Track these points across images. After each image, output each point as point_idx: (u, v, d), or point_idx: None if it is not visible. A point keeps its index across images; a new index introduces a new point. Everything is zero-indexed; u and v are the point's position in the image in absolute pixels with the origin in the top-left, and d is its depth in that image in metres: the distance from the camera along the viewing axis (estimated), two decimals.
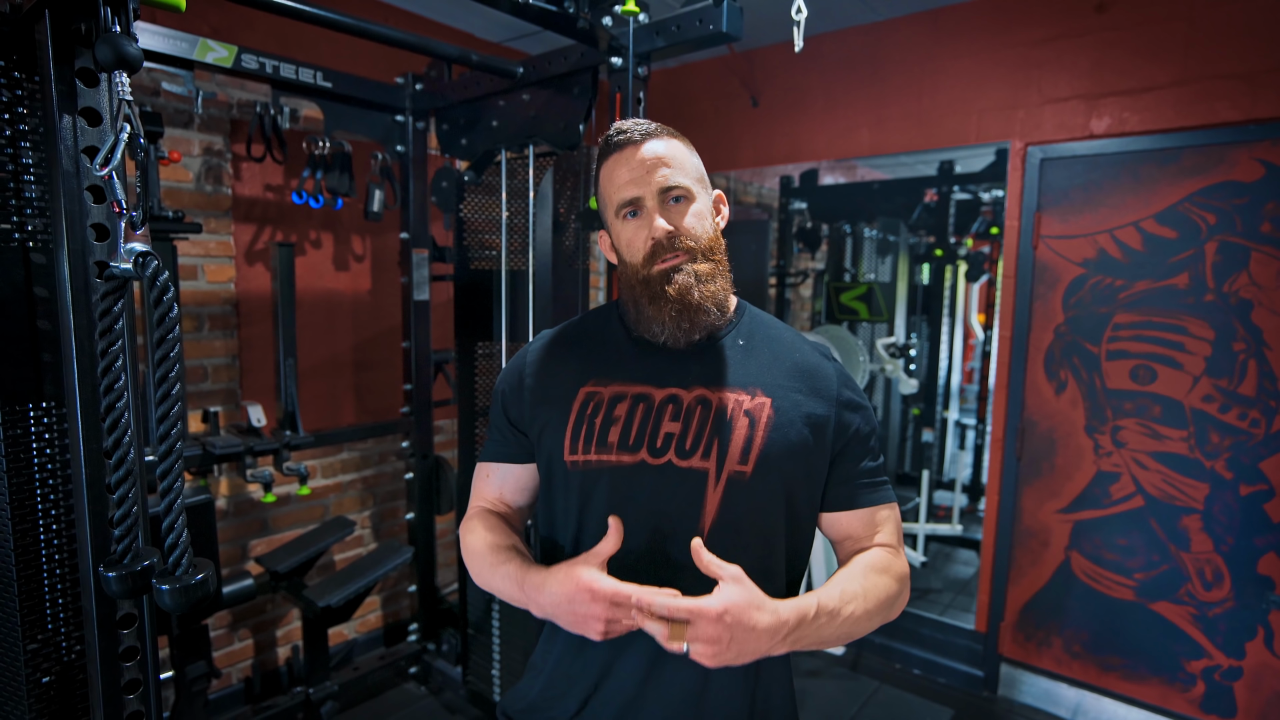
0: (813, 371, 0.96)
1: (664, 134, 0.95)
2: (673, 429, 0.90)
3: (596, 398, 0.94)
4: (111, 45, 0.80)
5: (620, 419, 0.91)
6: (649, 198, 0.92)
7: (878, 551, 0.94)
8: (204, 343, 2.39)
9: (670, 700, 0.90)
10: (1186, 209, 2.34)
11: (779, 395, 0.92)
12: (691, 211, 0.93)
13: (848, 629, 0.85)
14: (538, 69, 2.07)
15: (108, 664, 1.05)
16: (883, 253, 4.35)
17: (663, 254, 0.91)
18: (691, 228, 0.92)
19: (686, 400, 0.91)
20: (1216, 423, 2.33)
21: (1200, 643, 2.40)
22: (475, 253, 2.49)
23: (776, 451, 0.89)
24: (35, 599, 1.20)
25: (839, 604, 0.83)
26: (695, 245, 0.92)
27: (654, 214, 0.92)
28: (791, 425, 0.91)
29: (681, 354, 0.95)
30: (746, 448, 0.88)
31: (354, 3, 2.62)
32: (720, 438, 0.89)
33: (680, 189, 0.93)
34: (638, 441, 0.90)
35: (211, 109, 2.34)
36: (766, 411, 0.90)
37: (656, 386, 0.93)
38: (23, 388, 1.15)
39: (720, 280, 0.94)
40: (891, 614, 0.92)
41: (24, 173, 1.14)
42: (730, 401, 0.91)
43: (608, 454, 0.90)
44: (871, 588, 0.88)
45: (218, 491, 2.46)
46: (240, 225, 2.46)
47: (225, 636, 2.57)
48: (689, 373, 0.93)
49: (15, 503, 1.16)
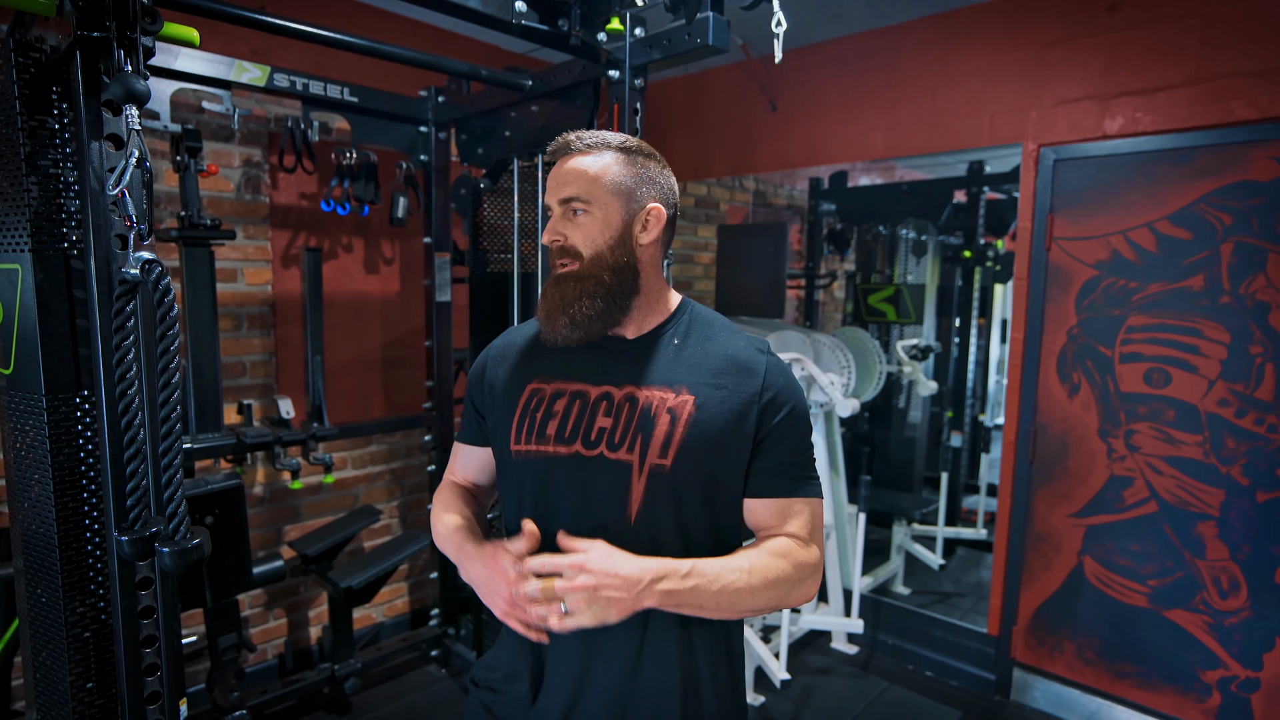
0: (742, 366, 1.01)
1: (600, 147, 1.00)
2: (605, 424, 0.98)
3: (540, 394, 1.03)
4: (122, 83, 0.94)
5: (558, 414, 1.00)
6: (555, 205, 1.01)
7: (782, 539, 0.98)
8: (242, 340, 2.58)
9: (611, 673, 0.99)
10: (1201, 210, 2.30)
11: (702, 392, 0.98)
12: (584, 225, 0.99)
13: (730, 600, 0.90)
14: (544, 82, 2.18)
15: (129, 621, 1.19)
16: (915, 254, 4.32)
17: (555, 259, 1.01)
18: (578, 241, 0.99)
19: (618, 397, 0.99)
20: (1232, 427, 2.28)
21: (1216, 653, 2.34)
22: (492, 256, 2.62)
23: (694, 445, 0.96)
24: (76, 565, 1.36)
25: (719, 572, 0.90)
26: (580, 259, 0.99)
27: (553, 220, 1.01)
28: (712, 420, 0.97)
29: (617, 353, 1.03)
30: (666, 442, 0.96)
31: (384, 21, 2.79)
32: (644, 433, 0.96)
33: (578, 202, 0.98)
34: (573, 435, 0.99)
35: (251, 124, 2.53)
36: (688, 408, 0.97)
37: (593, 384, 1.01)
38: (65, 379, 1.31)
39: (598, 302, 0.98)
40: (788, 598, 0.96)
41: (66, 190, 1.30)
42: (655, 399, 0.98)
43: (546, 445, 0.99)
44: (760, 566, 0.92)
45: (254, 480, 2.65)
46: (276, 231, 2.64)
47: (261, 615, 2.76)
48: (621, 372, 1.01)
49: (58, 480, 1.32)
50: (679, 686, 0.99)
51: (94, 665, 1.39)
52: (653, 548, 0.94)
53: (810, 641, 3.18)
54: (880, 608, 3.15)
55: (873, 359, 3.31)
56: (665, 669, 0.99)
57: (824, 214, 4.35)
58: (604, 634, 0.96)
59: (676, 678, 0.99)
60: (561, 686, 1.01)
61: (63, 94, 1.25)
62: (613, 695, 0.99)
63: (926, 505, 3.75)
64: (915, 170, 4.26)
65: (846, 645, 3.15)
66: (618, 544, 0.92)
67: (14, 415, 1.34)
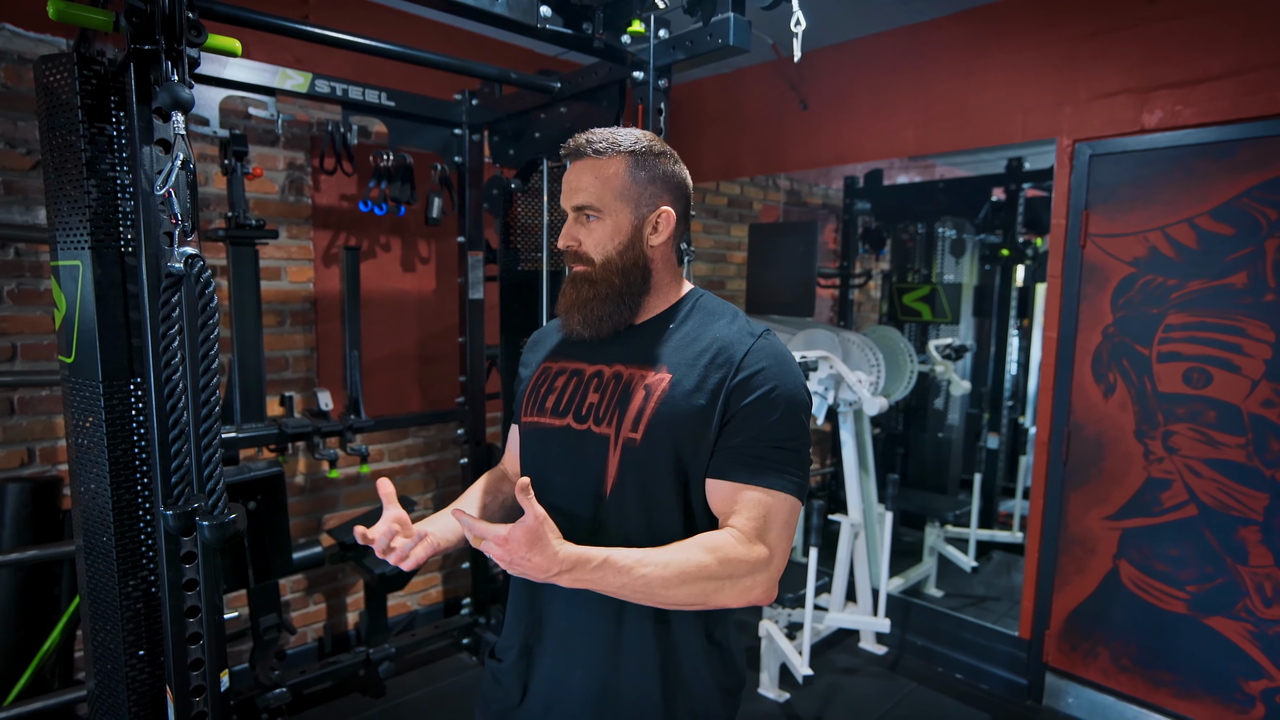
0: (724, 347, 1.02)
1: (611, 150, 1.03)
2: (594, 399, 1.04)
3: (549, 372, 1.12)
4: (169, 91, 1.01)
5: (558, 390, 1.08)
6: (569, 210, 1.06)
7: (725, 532, 0.96)
8: (285, 336, 2.70)
9: (594, 638, 1.04)
10: (1245, 204, 2.23)
11: (680, 371, 1.01)
12: (595, 231, 1.04)
13: (642, 589, 0.89)
14: (572, 84, 2.24)
15: (174, 592, 1.28)
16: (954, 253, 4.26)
17: (570, 262, 1.07)
18: (589, 248, 1.04)
19: (607, 375, 1.05)
20: (1278, 430, 2.20)
21: (1260, 662, 2.27)
22: (522, 254, 2.68)
23: (661, 420, 0.98)
24: (130, 542, 1.46)
25: (632, 564, 0.88)
26: (592, 264, 1.04)
27: (567, 225, 1.06)
28: (686, 397, 0.98)
29: (620, 336, 1.08)
30: (638, 417, 0.99)
31: (419, 25, 2.88)
32: (621, 408, 1.01)
33: (591, 208, 1.03)
34: (566, 408, 1.06)
35: (294, 128, 2.64)
36: (663, 385, 1.00)
37: (588, 364, 1.08)
38: (120, 366, 1.41)
39: (610, 305, 1.04)
40: (714, 596, 0.92)
41: (121, 191, 1.40)
42: (636, 377, 1.03)
43: (544, 417, 1.08)
44: (678, 561, 0.90)
45: (295, 469, 2.77)
46: (318, 231, 2.76)
47: (301, 600, 2.88)
48: (613, 353, 1.07)
49: (113, 462, 1.42)
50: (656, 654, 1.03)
51: (144, 635, 1.49)
52: (621, 522, 0.99)
53: (838, 641, 3.17)
54: (910, 609, 3.12)
55: (903, 358, 3.28)
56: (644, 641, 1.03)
57: (859, 212, 4.32)
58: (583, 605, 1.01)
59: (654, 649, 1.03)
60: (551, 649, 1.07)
61: (119, 103, 1.35)
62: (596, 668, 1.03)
63: (960, 507, 3.70)
64: (957, 167, 4.20)
65: (875, 646, 3.13)
66: (598, 515, 0.99)
67: (76, 401, 1.45)
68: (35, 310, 2.21)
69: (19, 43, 2.11)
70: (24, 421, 2.21)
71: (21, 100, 2.13)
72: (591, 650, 1.03)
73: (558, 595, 1.04)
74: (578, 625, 1.04)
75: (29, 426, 2.22)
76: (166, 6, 1.01)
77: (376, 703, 2.65)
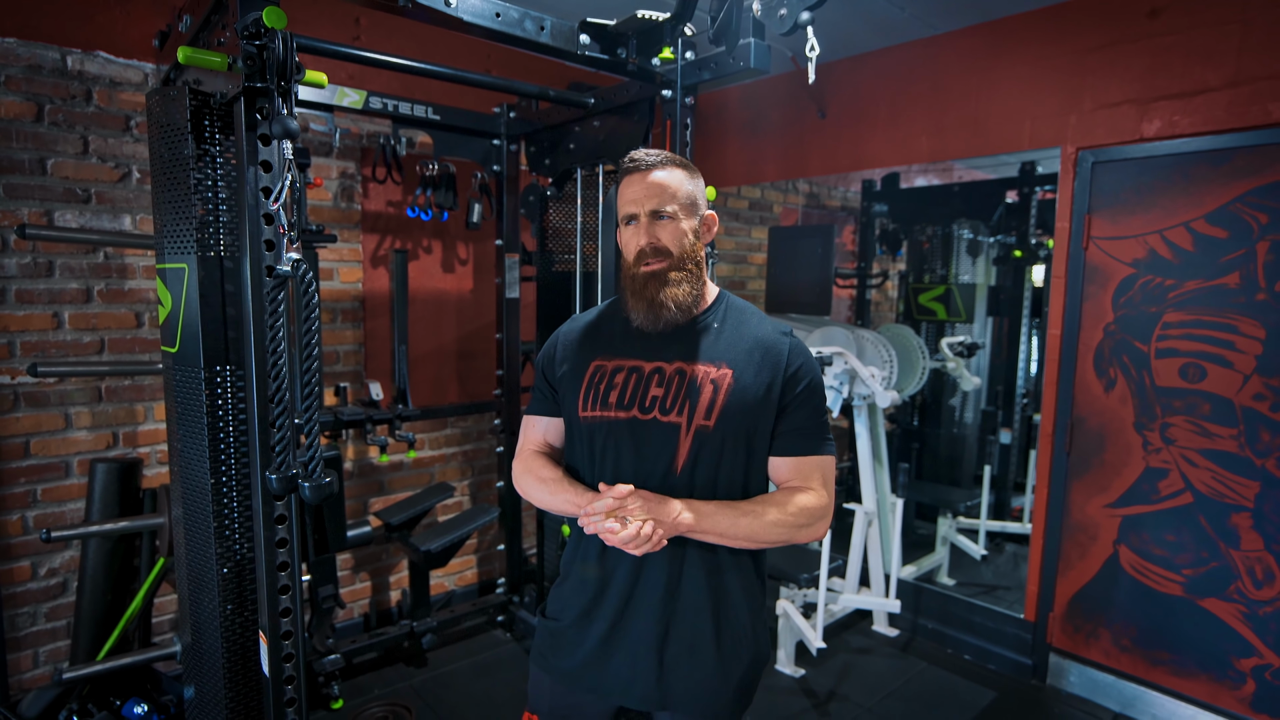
0: (769, 347, 1.24)
1: (669, 164, 1.24)
2: (658, 393, 1.22)
3: (603, 369, 1.27)
4: (281, 124, 1.22)
5: (619, 385, 1.24)
6: (643, 214, 1.24)
7: (792, 489, 1.23)
8: (337, 332, 2.92)
9: (653, 591, 1.23)
10: (1238, 209, 2.36)
11: (739, 367, 1.22)
12: (672, 229, 1.23)
13: (746, 530, 1.18)
14: (605, 100, 2.43)
15: (269, 549, 1.48)
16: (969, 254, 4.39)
17: (645, 259, 1.23)
18: (669, 243, 1.23)
19: (668, 371, 1.23)
20: (1268, 421, 2.33)
21: (1251, 641, 2.40)
22: (556, 256, 2.88)
23: (732, 409, 1.19)
24: (224, 509, 1.67)
25: (729, 512, 1.18)
26: (671, 256, 1.22)
27: (644, 227, 1.23)
28: (747, 389, 1.20)
29: (667, 336, 1.25)
30: (710, 407, 1.19)
31: (462, 42, 3.08)
32: (691, 400, 1.20)
33: (667, 212, 1.23)
34: (630, 402, 1.23)
35: (346, 140, 2.86)
36: (728, 380, 1.20)
37: (646, 361, 1.25)
38: (218, 355, 1.62)
39: (686, 285, 1.22)
40: (797, 534, 1.21)
41: (219, 204, 1.61)
42: (700, 373, 1.22)
43: (609, 411, 1.24)
44: (763, 510, 1.19)
45: (346, 455, 2.99)
46: (367, 235, 2.98)
47: (349, 578, 3.10)
48: (671, 350, 1.25)
49: (211, 436, 1.64)
50: (709, 608, 1.22)
51: (234, 594, 1.70)
52: (691, 493, 1.19)
53: (852, 623, 3.33)
54: (922, 594, 3.27)
55: (915, 354, 3.43)
56: (698, 591, 1.21)
57: (876, 215, 4.47)
58: (647, 564, 1.20)
59: (708, 600, 1.22)
60: (611, 608, 1.25)
61: (222, 128, 1.56)
62: (657, 614, 1.22)
63: (971, 498, 3.84)
64: (975, 170, 4.32)
65: (888, 628, 3.29)
66: (665, 490, 1.19)
67: (179, 386, 1.67)
68: (120, 308, 2.44)
69: (111, 68, 2.35)
70: (110, 408, 2.45)
71: (110, 119, 2.37)
72: (651, 601, 1.22)
73: (624, 560, 1.23)
74: (643, 582, 1.23)
75: (114, 413, 2.46)
76: (280, 52, 1.21)
77: (419, 672, 2.86)
